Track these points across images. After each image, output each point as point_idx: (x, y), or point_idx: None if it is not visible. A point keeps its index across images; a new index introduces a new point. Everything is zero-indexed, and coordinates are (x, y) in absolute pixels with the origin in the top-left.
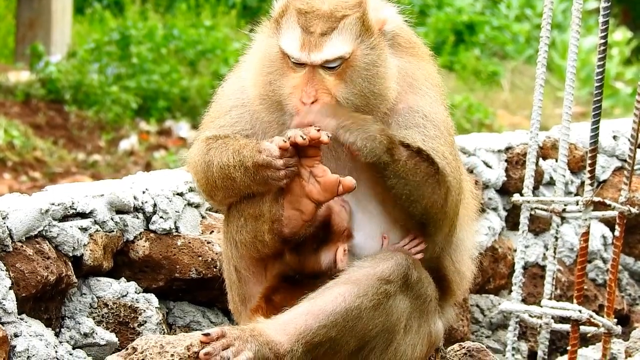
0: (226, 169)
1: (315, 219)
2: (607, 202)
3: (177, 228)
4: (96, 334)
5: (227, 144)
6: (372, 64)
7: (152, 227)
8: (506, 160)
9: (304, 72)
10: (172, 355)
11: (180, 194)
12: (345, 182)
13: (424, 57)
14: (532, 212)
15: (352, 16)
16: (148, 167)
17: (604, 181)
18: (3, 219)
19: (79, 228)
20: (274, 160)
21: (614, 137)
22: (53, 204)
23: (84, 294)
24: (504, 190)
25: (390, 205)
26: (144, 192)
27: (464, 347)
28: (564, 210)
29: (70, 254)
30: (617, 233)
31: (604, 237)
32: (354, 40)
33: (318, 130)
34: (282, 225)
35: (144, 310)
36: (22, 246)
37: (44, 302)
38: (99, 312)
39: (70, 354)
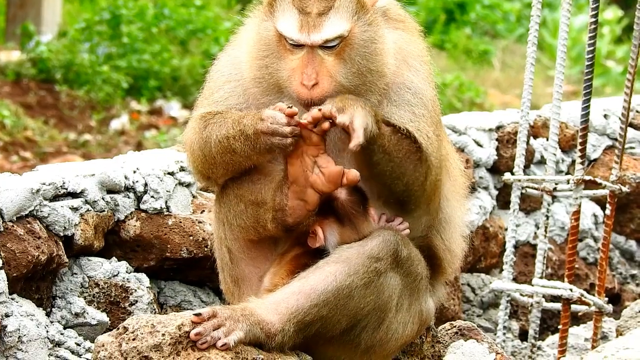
0: (225, 142)
1: (317, 208)
2: (598, 180)
3: (168, 207)
4: (87, 313)
5: (225, 116)
6: (370, 41)
7: (143, 206)
8: (497, 139)
9: (302, 53)
10: (163, 334)
11: (171, 174)
12: (349, 174)
13: (414, 32)
14: (523, 191)
15: None
16: (139, 146)
17: (595, 160)
18: None
19: (70, 208)
20: (281, 127)
21: (605, 116)
22: (44, 184)
23: (75, 273)
24: (495, 169)
25: (374, 183)
26: (134, 172)
27: (455, 326)
28: (554, 189)
29: (61, 234)
30: (608, 212)
31: (594, 215)
32: (351, 18)
33: (319, 110)
34: (285, 215)
35: (135, 290)
36: (12, 226)
37: (35, 282)
38: (90, 291)
39: (62, 334)
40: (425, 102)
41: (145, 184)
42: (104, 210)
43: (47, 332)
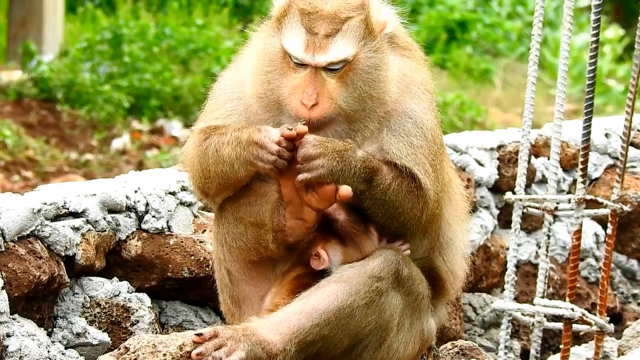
0: (220, 147)
1: (317, 224)
2: (600, 200)
3: (169, 227)
4: (89, 333)
5: (227, 127)
6: (374, 67)
7: (144, 226)
8: (498, 159)
9: (306, 73)
10: (164, 355)
11: (173, 193)
12: (341, 190)
13: (419, 61)
14: (525, 210)
15: (356, 18)
16: (140, 166)
17: (596, 179)
18: None
19: (71, 227)
20: (270, 143)
21: (606, 135)
22: (45, 204)
23: (77, 293)
24: (496, 189)
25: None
26: (136, 192)
27: (456, 346)
28: (556, 208)
29: (63, 254)
30: (609, 231)
31: (596, 235)
32: (358, 43)
33: (304, 124)
34: (285, 235)
35: (137, 310)
36: (14, 246)
37: (37, 301)
38: (91, 311)
39: (63, 354)
40: (424, 132)
41: (147, 204)
42: (105, 230)
43: (49, 352)
